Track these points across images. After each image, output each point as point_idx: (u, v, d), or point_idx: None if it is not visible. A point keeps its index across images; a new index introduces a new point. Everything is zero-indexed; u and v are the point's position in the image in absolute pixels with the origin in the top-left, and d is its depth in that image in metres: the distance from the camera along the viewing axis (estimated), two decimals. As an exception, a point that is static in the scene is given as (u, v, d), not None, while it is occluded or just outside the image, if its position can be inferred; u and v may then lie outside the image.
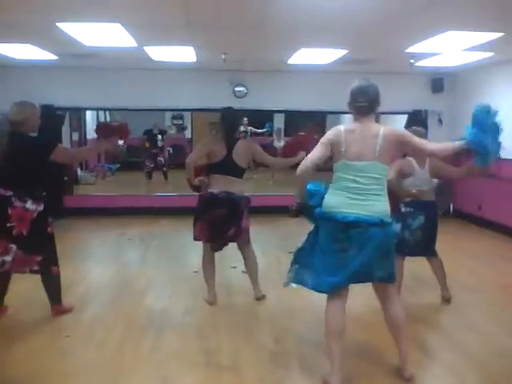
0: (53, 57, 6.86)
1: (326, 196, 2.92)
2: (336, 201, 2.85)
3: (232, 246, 4.49)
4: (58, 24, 4.80)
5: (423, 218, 4.10)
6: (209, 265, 4.33)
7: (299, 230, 3.50)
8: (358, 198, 2.79)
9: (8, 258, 3.55)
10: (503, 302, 4.40)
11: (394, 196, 3.29)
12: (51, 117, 7.86)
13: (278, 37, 5.46)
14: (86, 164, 12.07)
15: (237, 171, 4.16)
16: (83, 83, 7.99)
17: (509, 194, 6.90)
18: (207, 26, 5.02)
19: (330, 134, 2.93)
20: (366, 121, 2.88)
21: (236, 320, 3.93)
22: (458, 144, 2.86)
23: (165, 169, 11.94)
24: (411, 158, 4.11)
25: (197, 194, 4.26)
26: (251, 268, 4.38)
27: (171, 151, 13.17)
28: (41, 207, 3.67)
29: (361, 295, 3.47)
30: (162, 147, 12.00)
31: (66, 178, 8.34)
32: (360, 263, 2.77)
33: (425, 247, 4.21)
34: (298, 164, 3.10)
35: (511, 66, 6.89)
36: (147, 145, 11.78)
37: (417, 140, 2.91)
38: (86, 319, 3.93)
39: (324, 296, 2.93)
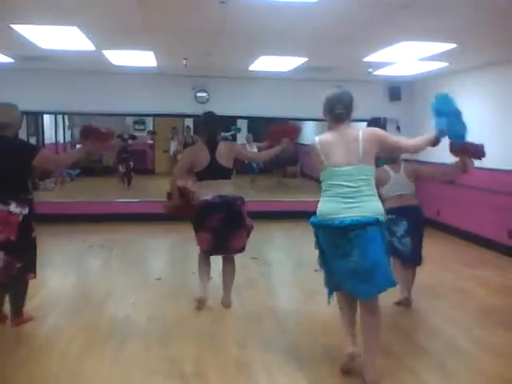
0: (8, 59, 6.67)
1: (320, 204, 2.99)
2: (330, 207, 2.91)
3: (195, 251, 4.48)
4: (12, 25, 4.68)
5: (407, 224, 4.16)
6: (204, 267, 4.31)
7: (262, 236, 3.53)
8: (352, 201, 2.87)
9: None
10: (462, 306, 4.52)
11: None
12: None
13: (238, 44, 5.51)
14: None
15: (225, 173, 4.19)
16: (41, 87, 7.80)
17: (466, 199, 7.15)
18: (166, 31, 5.01)
19: (311, 150, 3.04)
20: (343, 127, 2.98)
21: (200, 327, 3.92)
22: (429, 135, 3.13)
23: (132, 174, 11.97)
24: (386, 166, 4.23)
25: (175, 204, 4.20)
26: (228, 278, 4.38)
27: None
28: (26, 210, 3.61)
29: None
30: (131, 152, 12.06)
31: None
32: (364, 265, 2.83)
33: (415, 256, 4.29)
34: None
35: (466, 75, 7.17)
36: (130, 142, 11.90)
37: (393, 138, 3.08)
38: (46, 329, 3.82)
39: (287, 303, 2.96)
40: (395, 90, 8.63)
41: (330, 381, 3.11)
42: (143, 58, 6.47)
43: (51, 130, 12.79)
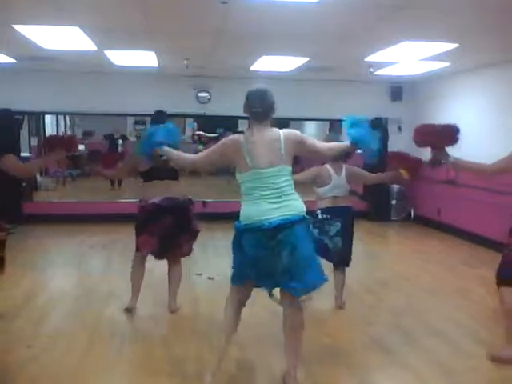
0: (10, 60, 6.68)
1: (243, 208, 2.88)
2: (257, 210, 2.80)
3: (197, 252, 4.48)
4: (14, 26, 4.69)
5: (340, 225, 4.13)
6: (139, 270, 4.19)
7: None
8: (277, 201, 2.80)
9: None
10: (462, 305, 4.53)
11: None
12: (9, 121, 7.66)
13: (240, 44, 5.51)
14: (46, 169, 11.78)
15: (173, 173, 3.98)
16: (42, 87, 7.81)
17: (466, 199, 7.15)
18: (168, 32, 5.01)
19: (228, 146, 2.92)
20: (262, 127, 2.90)
21: (201, 328, 3.92)
22: (344, 143, 3.19)
23: None
24: (328, 166, 4.19)
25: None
26: (175, 283, 4.24)
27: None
28: None
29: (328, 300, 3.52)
30: (122, 152, 11.66)
31: (24, 184, 8.13)
32: (294, 264, 2.76)
33: (345, 256, 4.24)
34: None
35: (467, 75, 7.17)
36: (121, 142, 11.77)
37: (311, 141, 3.01)
38: (48, 330, 3.83)
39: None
40: (397, 90, 8.63)
41: (331, 381, 3.11)
42: (145, 58, 6.47)
43: (53, 130, 12.82)
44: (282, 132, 2.90)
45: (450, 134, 3.37)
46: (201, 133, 12.94)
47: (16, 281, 4.85)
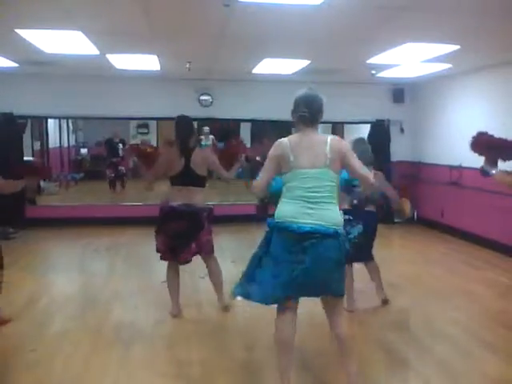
0: (13, 64, 6.70)
1: (279, 206, 2.83)
2: (291, 210, 2.75)
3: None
4: (16, 30, 4.71)
5: (362, 227, 4.17)
6: (173, 279, 4.25)
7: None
8: (313, 207, 2.72)
9: None
10: (468, 308, 4.51)
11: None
12: (11, 125, 7.68)
13: (242, 47, 5.52)
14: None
15: (198, 181, 4.09)
16: (45, 91, 7.84)
17: (469, 200, 7.14)
18: (170, 35, 5.02)
19: (275, 149, 2.85)
20: (309, 131, 2.84)
21: (206, 330, 3.92)
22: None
23: (124, 178, 11.79)
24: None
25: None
26: (215, 279, 4.33)
27: (136, 160, 12.92)
28: None
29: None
30: (122, 156, 11.70)
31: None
32: (314, 276, 2.70)
33: (364, 253, 4.30)
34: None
35: (469, 77, 7.17)
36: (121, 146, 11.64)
37: (355, 160, 2.83)
38: (52, 333, 3.83)
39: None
40: (399, 92, 8.63)
41: (337, 382, 3.11)
42: (147, 62, 6.49)
43: (55, 134, 12.85)
44: (330, 137, 2.83)
45: (509, 151, 3.33)
46: (213, 137, 12.76)
47: (19, 284, 4.86)
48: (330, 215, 2.75)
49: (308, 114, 2.84)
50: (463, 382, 3.17)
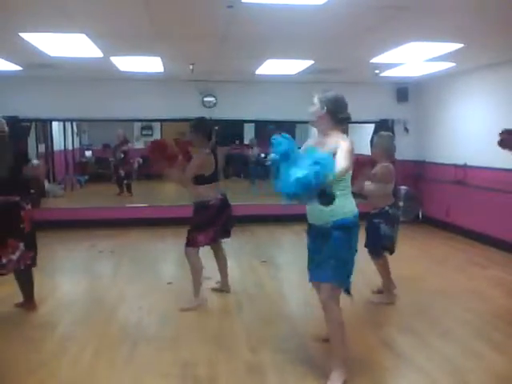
0: (17, 67, 6.74)
1: (350, 201, 3.03)
2: (352, 203, 3.04)
3: (204, 257, 4.50)
4: (20, 34, 4.73)
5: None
6: (201, 267, 4.43)
7: (271, 239, 3.52)
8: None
9: (14, 257, 3.98)
10: (475, 307, 4.48)
11: None
12: (16, 128, 7.71)
13: (245, 48, 5.52)
14: (54, 175, 11.85)
15: (218, 175, 4.59)
16: (49, 94, 7.87)
17: (475, 199, 7.11)
18: (173, 37, 5.03)
19: (351, 144, 2.90)
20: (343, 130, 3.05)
21: (211, 331, 3.92)
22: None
23: (125, 181, 11.30)
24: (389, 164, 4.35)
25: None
26: (225, 264, 4.71)
27: (141, 162, 12.99)
28: (29, 206, 4.14)
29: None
30: (123, 159, 11.39)
31: (32, 191, 8.15)
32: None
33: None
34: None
35: (472, 75, 7.14)
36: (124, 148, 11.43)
37: (338, 155, 2.78)
38: (58, 334, 3.84)
39: (298, 306, 2.95)
40: (402, 91, 8.61)
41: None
42: (150, 64, 6.50)
43: (60, 136, 12.90)
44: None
45: None
46: None
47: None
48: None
49: (349, 116, 3.07)
50: (472, 381, 3.15)
